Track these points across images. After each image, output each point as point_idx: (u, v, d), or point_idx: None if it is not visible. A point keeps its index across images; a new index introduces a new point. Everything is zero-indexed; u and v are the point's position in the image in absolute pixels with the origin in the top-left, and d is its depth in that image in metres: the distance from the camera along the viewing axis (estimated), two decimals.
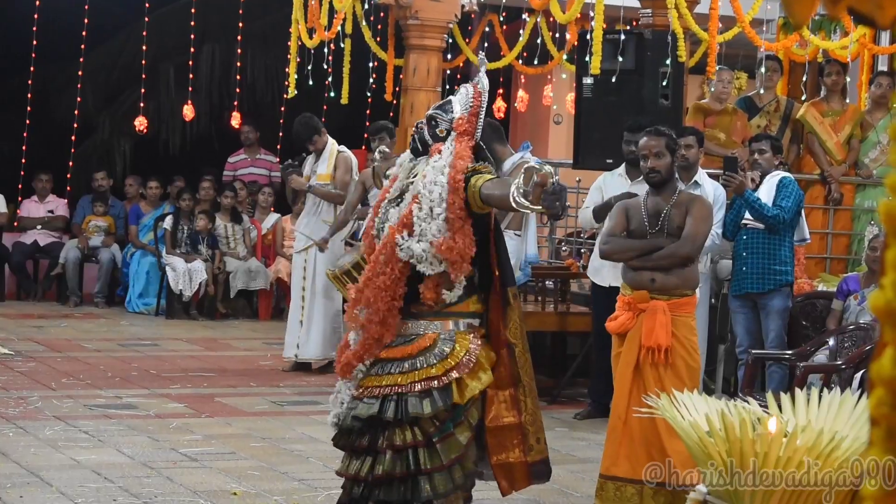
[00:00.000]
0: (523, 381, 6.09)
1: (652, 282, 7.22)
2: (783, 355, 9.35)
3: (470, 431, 5.96)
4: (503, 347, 6.06)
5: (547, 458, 6.22)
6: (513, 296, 6.04)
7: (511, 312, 6.04)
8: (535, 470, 6.17)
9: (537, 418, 6.14)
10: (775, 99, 12.88)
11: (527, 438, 6.10)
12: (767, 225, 9.58)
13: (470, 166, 5.91)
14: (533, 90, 18.47)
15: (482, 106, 6.07)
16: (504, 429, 6.07)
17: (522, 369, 6.08)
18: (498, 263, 6.03)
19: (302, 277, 12.05)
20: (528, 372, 6.12)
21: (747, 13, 11.91)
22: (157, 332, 14.27)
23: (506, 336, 6.05)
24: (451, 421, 5.90)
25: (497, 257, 6.03)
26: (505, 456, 6.08)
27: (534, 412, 6.11)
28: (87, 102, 18.11)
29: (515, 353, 6.06)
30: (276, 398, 10.72)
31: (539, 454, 6.15)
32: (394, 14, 14.12)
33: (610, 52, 11.15)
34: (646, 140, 7.47)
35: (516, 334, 6.08)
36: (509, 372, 6.07)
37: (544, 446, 6.18)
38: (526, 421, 6.09)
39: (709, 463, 4.90)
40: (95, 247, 16.16)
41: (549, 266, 12.49)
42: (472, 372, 5.92)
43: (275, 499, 7.47)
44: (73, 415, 9.59)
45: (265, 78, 19.82)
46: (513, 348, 6.06)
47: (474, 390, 5.91)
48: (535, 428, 6.12)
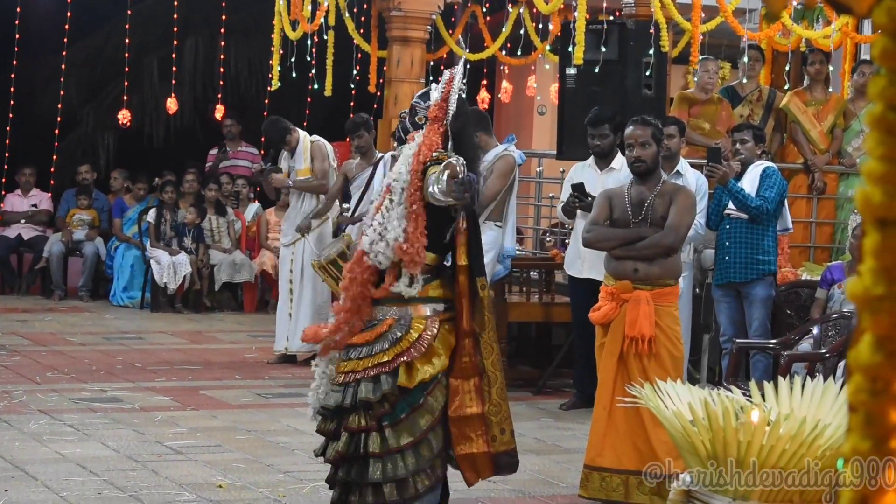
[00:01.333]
0: (488, 371, 6.09)
1: (635, 272, 7.22)
2: (767, 344, 9.37)
3: (431, 416, 6.00)
4: (468, 337, 6.07)
5: (513, 449, 6.20)
6: (481, 286, 6.05)
7: (479, 303, 6.06)
8: (499, 461, 6.17)
9: (503, 409, 6.13)
10: (758, 88, 12.90)
11: (490, 429, 6.09)
12: (751, 215, 9.59)
13: (434, 154, 5.97)
14: (517, 81, 18.47)
15: (452, 91, 6.09)
16: (467, 419, 6.07)
17: (488, 360, 6.08)
18: (468, 252, 6.03)
19: (289, 270, 12.07)
20: (495, 363, 6.12)
21: (730, 3, 11.94)
22: (142, 326, 14.25)
23: (471, 325, 6.06)
24: (407, 405, 5.99)
25: (467, 246, 6.03)
26: (468, 447, 6.08)
27: (499, 403, 6.11)
28: (70, 96, 18.05)
29: (481, 343, 6.07)
30: (262, 390, 10.72)
31: (504, 445, 6.14)
32: (377, 6, 14.12)
33: (593, 42, 11.16)
34: (632, 129, 7.48)
35: (482, 324, 6.08)
36: (474, 362, 6.07)
37: (510, 437, 6.17)
38: (489, 411, 6.09)
39: (692, 454, 4.91)
40: (79, 240, 16.13)
41: (533, 257, 12.50)
42: (423, 356, 6.00)
43: (260, 491, 7.47)
44: (57, 408, 9.58)
45: (249, 70, 19.79)
46: (478, 338, 6.07)
47: (425, 374, 5.98)
48: (499, 419, 6.11)
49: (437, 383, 6.05)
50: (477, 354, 6.07)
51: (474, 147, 6.23)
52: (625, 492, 7.11)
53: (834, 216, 12.51)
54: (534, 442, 9.13)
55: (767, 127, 12.50)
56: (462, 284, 6.05)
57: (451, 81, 6.14)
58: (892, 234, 1.66)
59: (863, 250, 1.70)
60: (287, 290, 12.08)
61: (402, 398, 6.02)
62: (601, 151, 9.91)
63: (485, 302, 6.09)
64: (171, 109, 17.32)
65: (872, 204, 1.67)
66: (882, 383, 1.65)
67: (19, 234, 16.32)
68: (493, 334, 6.13)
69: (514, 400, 10.50)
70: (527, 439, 9.17)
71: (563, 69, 11.68)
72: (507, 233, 10.45)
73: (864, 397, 1.66)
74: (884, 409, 1.65)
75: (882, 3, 1.66)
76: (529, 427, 9.59)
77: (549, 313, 11.32)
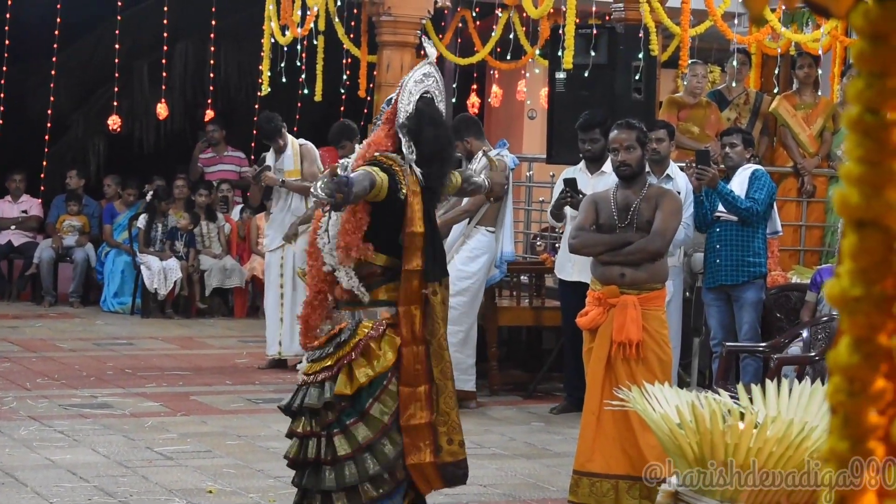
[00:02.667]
0: (436, 379, 6.01)
1: (622, 276, 7.22)
2: (757, 347, 9.38)
3: (375, 425, 5.93)
4: (420, 344, 6.00)
5: (461, 460, 6.10)
6: (432, 292, 5.98)
7: (430, 309, 5.99)
8: (445, 472, 6.06)
9: (451, 419, 6.04)
10: (745, 92, 12.92)
11: (437, 439, 5.99)
12: (741, 217, 9.60)
13: (377, 154, 5.99)
14: (506, 85, 18.47)
15: (402, 93, 6.08)
16: (416, 428, 5.98)
17: (437, 368, 6.01)
18: (422, 256, 5.98)
19: (279, 275, 12.04)
20: (445, 371, 6.04)
21: (719, 7, 11.95)
22: (133, 331, 14.24)
23: (422, 332, 6.00)
24: (355, 412, 5.97)
25: (423, 249, 5.99)
26: (417, 457, 5.98)
27: (447, 413, 6.02)
28: (60, 101, 18.01)
29: (430, 350, 6.00)
30: (252, 396, 10.71)
31: (450, 456, 6.03)
32: (367, 10, 14.11)
33: (582, 46, 11.18)
34: (616, 133, 7.48)
35: (433, 331, 6.01)
36: (425, 369, 6.00)
37: (458, 448, 6.07)
38: (437, 421, 6.00)
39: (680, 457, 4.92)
40: (70, 246, 16.11)
41: (523, 261, 12.51)
42: (363, 359, 5.96)
43: (250, 496, 7.47)
44: (48, 414, 9.57)
45: (239, 75, 19.77)
46: (429, 345, 6.00)
47: (361, 379, 5.92)
48: (447, 428, 6.02)
49: (385, 389, 5.96)
50: (428, 362, 5.99)
51: (440, 148, 6.10)
52: (615, 497, 7.10)
53: (823, 219, 12.52)
54: (524, 446, 9.14)
55: (755, 130, 12.51)
56: (412, 289, 5.99)
57: (401, 80, 6.16)
58: (869, 236, 1.66)
59: (841, 252, 1.71)
60: (277, 295, 12.05)
61: (350, 405, 5.97)
62: (592, 156, 9.92)
63: (436, 308, 6.00)
64: (161, 115, 17.32)
65: (850, 205, 1.68)
66: (860, 384, 1.66)
67: (9, 241, 16.31)
68: (443, 342, 6.04)
69: (504, 404, 10.59)
70: (517, 443, 9.18)
71: (553, 73, 11.70)
72: (504, 237, 10.45)
73: (842, 398, 1.66)
74: (862, 410, 1.66)
75: (859, 6, 1.66)
76: (520, 431, 9.60)
77: (539, 317, 11.33)
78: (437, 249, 6.13)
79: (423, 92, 6.10)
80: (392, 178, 5.96)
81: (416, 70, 6.18)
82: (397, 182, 5.96)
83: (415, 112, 6.02)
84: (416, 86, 6.10)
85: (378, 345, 5.97)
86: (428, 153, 6.03)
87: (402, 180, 5.97)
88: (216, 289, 15.72)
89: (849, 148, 1.70)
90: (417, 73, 6.16)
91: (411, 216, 5.98)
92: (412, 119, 6.01)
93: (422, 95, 6.08)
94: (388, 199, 5.94)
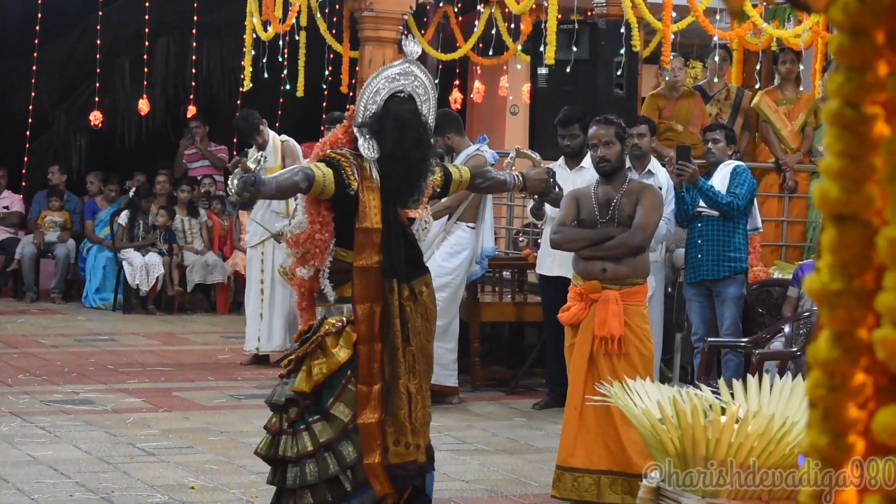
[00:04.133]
0: (386, 379, 5.93)
1: (603, 272, 7.23)
2: (739, 343, 9.39)
3: (336, 423, 5.91)
4: (378, 342, 5.95)
5: (411, 461, 5.97)
6: (390, 289, 5.93)
7: (389, 307, 5.93)
8: (392, 473, 5.95)
9: (399, 419, 5.93)
10: (726, 87, 12.93)
11: (385, 439, 5.91)
12: (721, 211, 9.61)
13: (329, 151, 6.02)
14: (489, 81, 18.48)
15: (362, 94, 6.06)
16: (368, 427, 5.92)
17: (388, 367, 5.94)
18: (381, 252, 5.95)
19: (260, 270, 12.02)
20: (399, 370, 5.95)
21: (701, 2, 11.95)
22: (115, 327, 14.22)
23: (380, 331, 5.95)
24: (317, 410, 5.97)
25: (380, 246, 5.94)
26: (371, 457, 5.92)
27: (395, 413, 5.92)
28: (41, 97, 17.99)
29: (387, 348, 5.95)
30: (234, 392, 10.70)
31: (397, 457, 5.93)
32: (349, 6, 14.11)
33: (564, 42, 11.18)
34: (595, 129, 7.49)
35: (390, 329, 5.95)
36: (380, 367, 5.95)
37: (404, 449, 5.94)
38: (386, 421, 5.92)
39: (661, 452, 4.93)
40: (51, 242, 16.09)
41: (506, 256, 12.51)
42: (319, 356, 5.97)
43: (232, 492, 7.46)
44: (29, 411, 9.55)
45: (221, 71, 19.75)
46: (385, 343, 5.95)
47: (316, 376, 5.92)
48: (395, 429, 5.93)
49: (345, 389, 5.92)
50: (383, 360, 5.94)
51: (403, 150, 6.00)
52: (597, 492, 7.11)
53: (805, 215, 12.54)
54: (506, 441, 9.14)
55: (736, 126, 12.51)
56: (369, 286, 5.95)
57: (367, 83, 6.12)
58: (848, 230, 1.66)
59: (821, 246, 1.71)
60: (258, 291, 12.04)
61: (313, 402, 5.97)
62: (571, 151, 9.93)
63: (394, 307, 5.94)
64: (142, 110, 17.29)
65: (830, 200, 1.68)
66: (840, 378, 1.66)
67: None
68: (398, 341, 5.95)
69: (486, 400, 10.60)
70: (499, 439, 9.18)
71: (535, 69, 11.72)
72: (485, 232, 10.45)
73: (822, 392, 1.67)
74: (841, 405, 1.66)
75: (838, 1, 1.67)
76: (502, 427, 9.60)
77: (521, 313, 11.34)
78: (405, 248, 6.05)
79: (397, 91, 6.04)
80: (338, 173, 5.93)
81: (388, 68, 6.12)
82: (344, 177, 5.93)
83: (381, 111, 5.97)
84: (387, 84, 6.04)
85: (335, 341, 5.94)
86: (388, 154, 5.97)
87: (350, 175, 5.94)
88: (198, 284, 15.70)
89: (828, 142, 1.70)
90: (390, 70, 6.09)
91: (363, 212, 5.94)
92: (375, 118, 5.96)
93: (394, 94, 6.03)
94: (338, 195, 5.94)
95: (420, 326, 6.05)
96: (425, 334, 6.10)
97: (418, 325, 6.04)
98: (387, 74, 6.07)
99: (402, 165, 5.97)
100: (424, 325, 6.08)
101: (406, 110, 6.00)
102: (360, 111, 5.99)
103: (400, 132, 5.97)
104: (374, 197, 5.96)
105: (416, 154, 6.03)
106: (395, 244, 6.00)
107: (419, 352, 6.03)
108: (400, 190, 6.04)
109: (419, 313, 6.05)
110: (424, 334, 6.08)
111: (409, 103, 6.04)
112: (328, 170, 5.93)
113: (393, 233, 6.00)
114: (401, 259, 6.00)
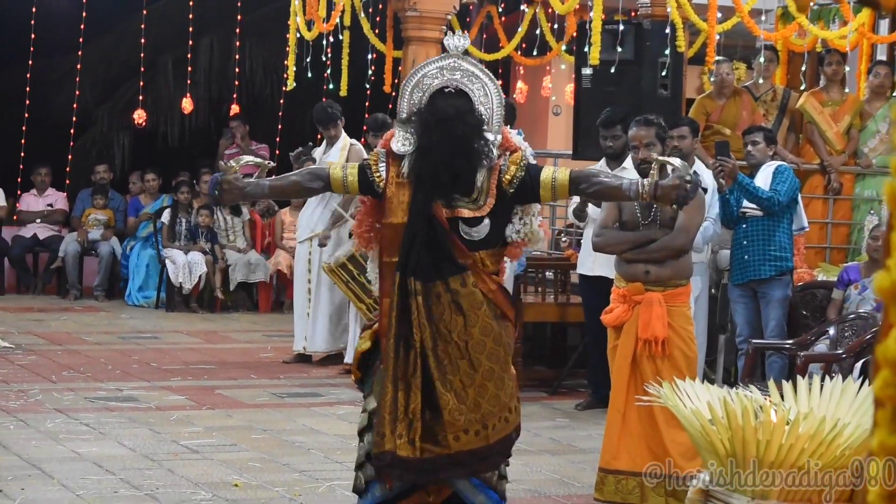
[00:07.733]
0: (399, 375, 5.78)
1: (646, 274, 7.21)
2: (783, 345, 9.35)
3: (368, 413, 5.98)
4: (396, 339, 5.81)
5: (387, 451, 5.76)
6: (404, 286, 5.79)
7: (408, 305, 5.79)
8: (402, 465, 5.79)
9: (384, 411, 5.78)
10: (772, 88, 12.86)
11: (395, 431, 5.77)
12: (763, 207, 9.55)
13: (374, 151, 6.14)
14: (532, 81, 18.46)
15: (404, 83, 6.04)
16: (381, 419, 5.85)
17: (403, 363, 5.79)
18: (400, 249, 5.83)
19: (307, 270, 11.98)
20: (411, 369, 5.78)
21: (746, 3, 11.90)
22: (158, 325, 14.27)
23: (396, 327, 5.80)
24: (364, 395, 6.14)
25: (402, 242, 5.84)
26: (378, 447, 5.83)
27: (391, 403, 5.76)
28: (85, 96, 18.08)
29: (401, 345, 5.79)
30: (277, 390, 10.72)
31: (376, 447, 5.81)
32: (392, 5, 14.10)
33: (609, 42, 11.15)
34: (635, 130, 7.43)
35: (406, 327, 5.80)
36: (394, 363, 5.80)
37: (382, 440, 5.76)
38: (397, 415, 5.78)
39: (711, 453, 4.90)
40: (95, 240, 16.17)
41: (548, 257, 12.49)
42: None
43: (276, 490, 7.47)
44: (73, 407, 9.59)
45: (264, 70, 19.77)
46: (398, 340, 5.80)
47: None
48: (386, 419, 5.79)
49: (378, 379, 5.89)
50: (404, 357, 5.79)
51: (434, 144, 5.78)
52: (640, 494, 7.09)
53: (850, 217, 12.47)
54: (549, 442, 9.13)
55: (782, 127, 12.47)
56: (390, 282, 5.87)
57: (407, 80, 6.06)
58: None
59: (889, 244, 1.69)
60: (305, 290, 12.01)
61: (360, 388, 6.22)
62: (613, 153, 9.89)
63: (419, 306, 5.78)
64: (186, 109, 17.35)
65: None
66: None
67: (35, 234, 16.36)
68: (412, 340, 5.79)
69: (529, 400, 10.56)
70: (542, 439, 9.17)
71: (579, 69, 11.67)
72: None
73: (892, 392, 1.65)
74: None
75: None
76: (545, 427, 9.59)
77: (564, 313, 11.31)
78: (428, 246, 5.82)
79: (443, 86, 5.93)
80: (362, 173, 5.97)
81: (429, 64, 6.07)
82: (368, 175, 5.95)
83: (425, 107, 5.88)
84: (429, 80, 5.95)
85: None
86: (417, 149, 5.87)
87: (376, 173, 5.93)
88: (241, 283, 15.73)
89: None
90: (431, 66, 6.02)
91: (390, 207, 5.89)
92: (411, 113, 5.90)
93: (441, 89, 5.92)
94: (367, 192, 6.01)
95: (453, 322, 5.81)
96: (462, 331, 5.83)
97: (451, 323, 5.80)
98: (426, 71, 6.00)
99: (430, 160, 5.84)
100: (459, 319, 5.81)
101: (448, 105, 5.85)
102: (402, 107, 5.98)
103: (428, 126, 5.83)
104: (404, 193, 5.87)
105: (447, 149, 5.80)
106: (416, 241, 5.80)
107: (455, 350, 5.81)
108: (426, 185, 5.84)
109: (453, 311, 5.80)
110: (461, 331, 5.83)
111: (453, 98, 5.88)
112: (353, 170, 6.00)
113: (415, 229, 5.82)
114: (419, 256, 5.79)
